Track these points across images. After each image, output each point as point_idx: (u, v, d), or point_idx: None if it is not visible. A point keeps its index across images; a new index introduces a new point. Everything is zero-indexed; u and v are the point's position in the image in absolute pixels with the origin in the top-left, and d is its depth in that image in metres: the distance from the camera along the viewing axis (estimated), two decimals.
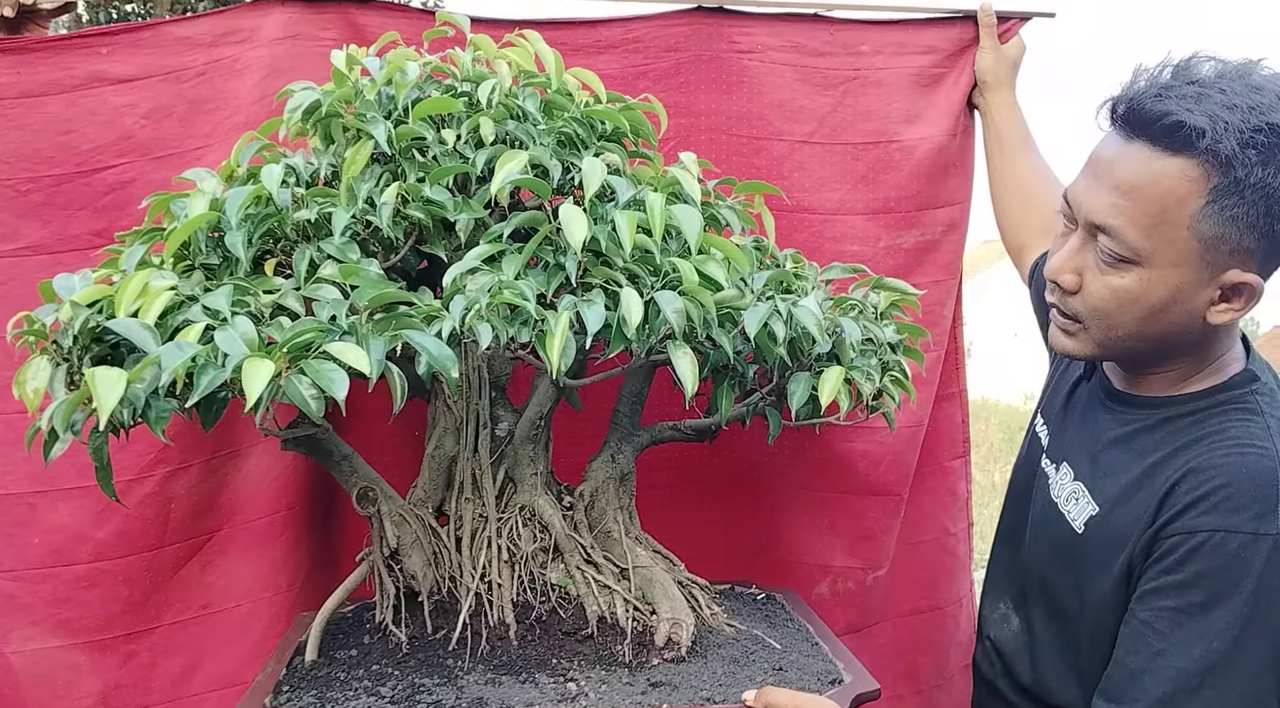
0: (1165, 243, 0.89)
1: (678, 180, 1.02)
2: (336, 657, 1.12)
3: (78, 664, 1.34)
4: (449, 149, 1.00)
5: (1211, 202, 0.86)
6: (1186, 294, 0.91)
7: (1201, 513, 0.89)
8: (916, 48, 1.44)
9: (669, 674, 1.06)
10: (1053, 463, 1.10)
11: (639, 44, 1.39)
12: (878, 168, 1.44)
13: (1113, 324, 0.95)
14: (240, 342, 0.82)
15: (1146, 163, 0.88)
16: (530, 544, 1.14)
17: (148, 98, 1.31)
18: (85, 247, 1.30)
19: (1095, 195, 0.92)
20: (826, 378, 0.96)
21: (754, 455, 1.51)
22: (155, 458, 1.33)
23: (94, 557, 1.32)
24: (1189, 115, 0.85)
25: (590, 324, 0.89)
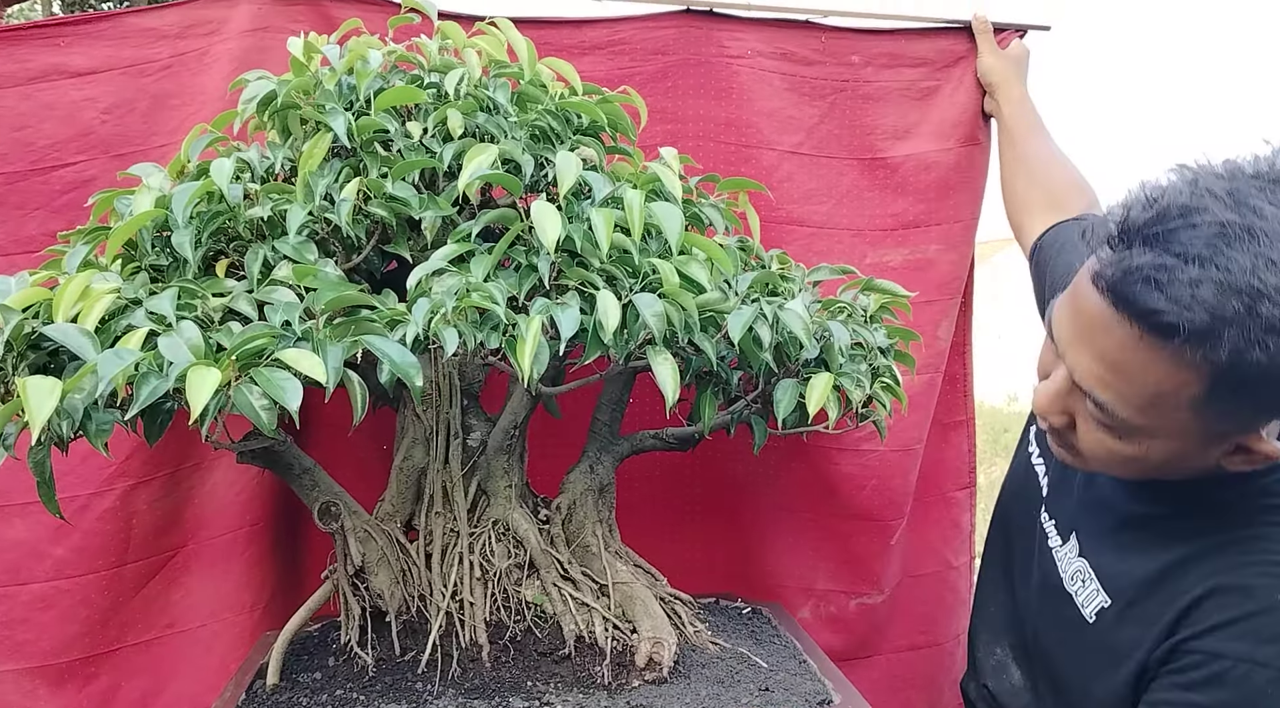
0: (1164, 420, 0.79)
1: (658, 177, 0.96)
2: (299, 680, 1.06)
3: (33, 690, 1.28)
4: (414, 143, 0.94)
5: (1214, 391, 0.74)
6: (1193, 456, 0.82)
7: (1230, 638, 0.81)
8: (909, 60, 1.40)
9: (650, 697, 1.00)
10: (1053, 524, 1.02)
11: (625, 46, 1.34)
12: (864, 183, 1.40)
13: (1115, 470, 0.87)
14: (185, 348, 0.76)
15: (1135, 346, 0.75)
16: (504, 560, 1.08)
17: (109, 92, 1.25)
18: (40, 248, 1.23)
19: (1081, 355, 0.80)
20: (814, 385, 0.91)
21: (735, 472, 1.46)
22: (116, 471, 1.26)
23: (51, 575, 1.26)
24: (1184, 314, 0.71)
25: (564, 329, 0.83)
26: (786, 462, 1.45)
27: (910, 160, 1.40)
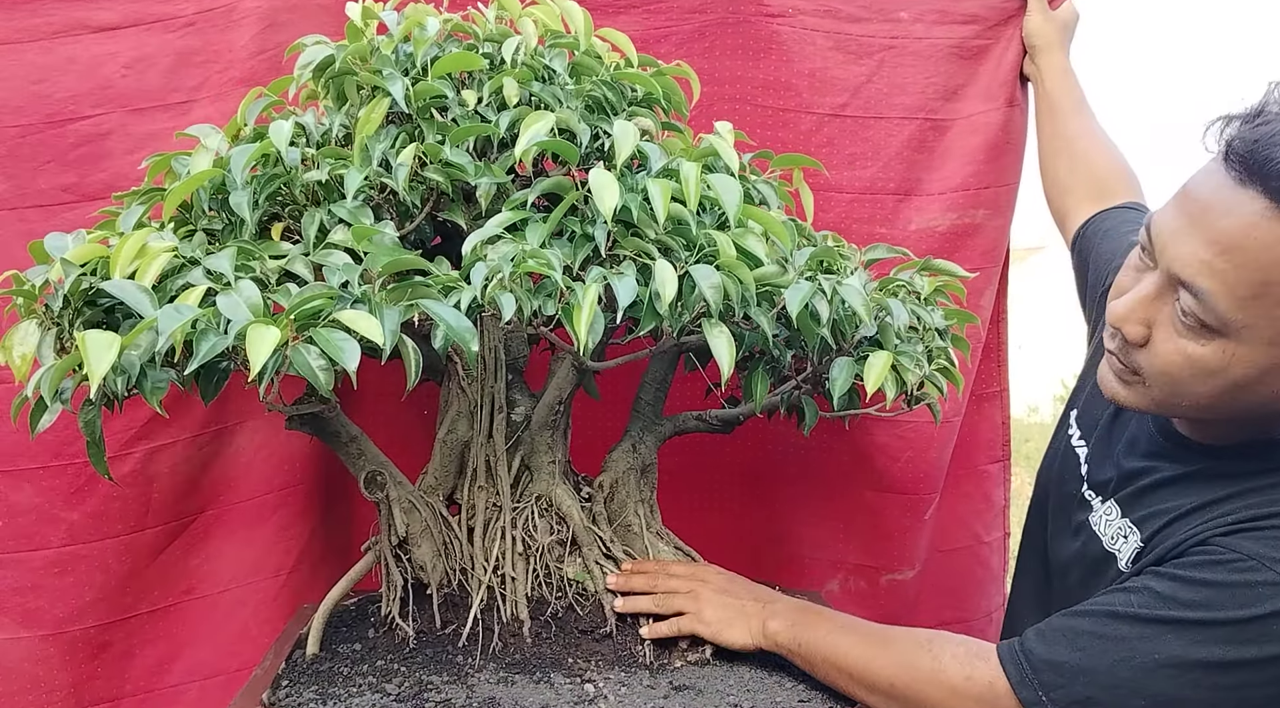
0: (1263, 318, 0.75)
1: (714, 149, 0.95)
2: (339, 651, 1.06)
3: (47, 656, 1.27)
4: (469, 111, 0.94)
5: None
6: (1274, 374, 0.78)
7: (1246, 536, 0.81)
8: (959, 16, 1.34)
9: (693, 678, 0.99)
10: (1098, 496, 1.01)
11: (662, 4, 1.31)
12: (912, 146, 1.35)
13: (1180, 392, 0.83)
14: (244, 307, 0.76)
15: (1259, 221, 0.73)
16: (546, 536, 1.07)
17: (131, 46, 1.23)
18: (52, 202, 1.22)
19: (1186, 244, 0.78)
20: (873, 364, 0.89)
21: (765, 445, 1.44)
22: (137, 433, 1.25)
23: (66, 541, 1.25)
24: None
25: (621, 298, 0.82)
26: (819, 434, 1.41)
27: (960, 122, 1.35)
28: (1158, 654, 0.80)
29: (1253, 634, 0.78)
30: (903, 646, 0.93)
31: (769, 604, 1.03)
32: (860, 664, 0.93)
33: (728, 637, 1.01)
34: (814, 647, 0.96)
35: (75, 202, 1.21)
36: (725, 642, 1.01)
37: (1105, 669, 0.82)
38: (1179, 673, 0.80)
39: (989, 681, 0.87)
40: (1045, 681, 0.84)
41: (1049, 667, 0.84)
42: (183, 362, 0.76)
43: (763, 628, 1.00)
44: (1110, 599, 0.86)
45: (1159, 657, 0.80)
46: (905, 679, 0.90)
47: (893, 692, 0.91)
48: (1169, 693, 0.80)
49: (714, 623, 1.01)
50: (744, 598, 1.04)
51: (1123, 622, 0.83)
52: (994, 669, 0.87)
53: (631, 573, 1.06)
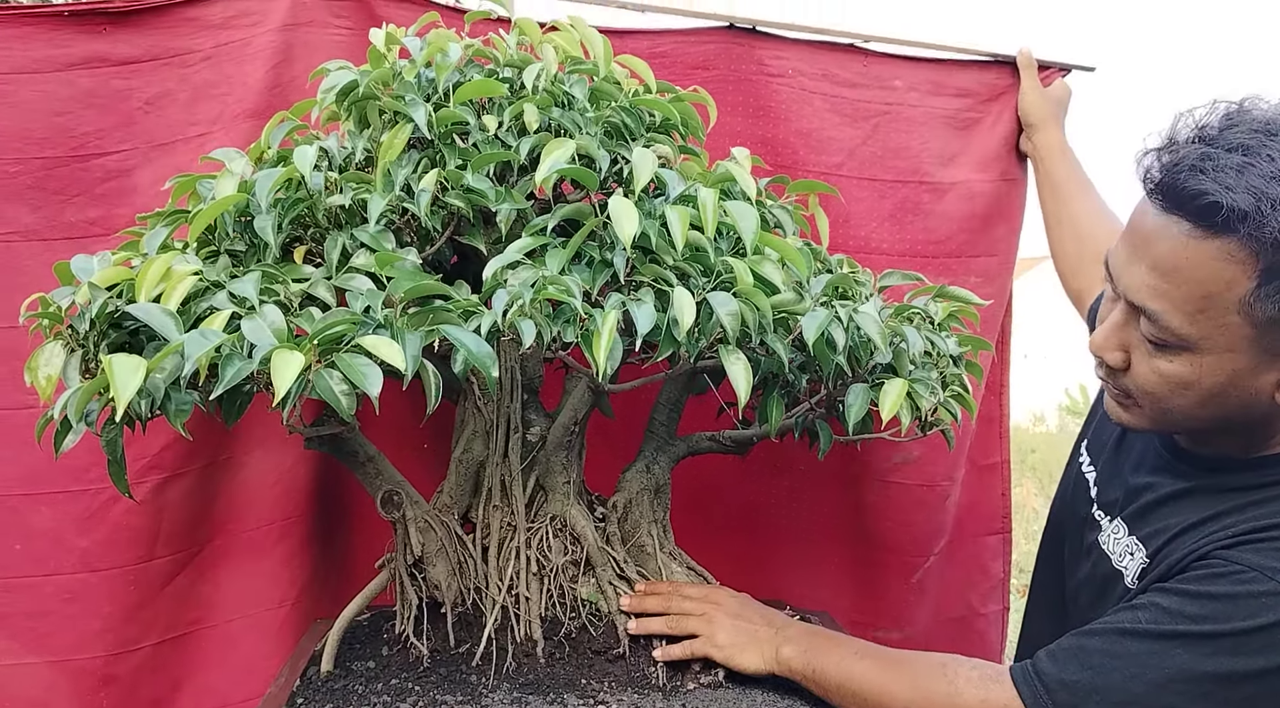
0: (1214, 328, 0.80)
1: (731, 175, 0.96)
2: (354, 668, 1.07)
3: (54, 684, 1.27)
4: (490, 136, 0.95)
5: (1263, 284, 0.77)
6: (1245, 379, 0.82)
7: (1246, 549, 0.83)
8: (951, 89, 1.40)
9: (705, 701, 1.00)
10: (1106, 516, 1.03)
11: (666, 58, 1.34)
12: (906, 208, 1.39)
13: (1167, 407, 0.87)
14: (269, 332, 0.77)
15: (1184, 244, 0.79)
16: (561, 556, 1.08)
17: (152, 82, 1.25)
18: (81, 235, 1.24)
19: (1133, 271, 0.83)
20: (889, 391, 0.90)
21: (758, 493, 1.45)
22: (149, 464, 1.26)
23: (77, 567, 1.26)
24: (1228, 195, 0.75)
25: (640, 325, 0.83)
26: (811, 487, 1.44)
27: (956, 187, 1.39)
28: (1167, 669, 0.82)
29: (1258, 645, 0.80)
30: (918, 670, 0.94)
31: (782, 629, 1.03)
32: (876, 690, 0.93)
33: (740, 661, 1.01)
34: (828, 673, 0.96)
35: (103, 235, 1.22)
36: (738, 666, 1.01)
37: (1118, 687, 0.83)
38: (1189, 687, 0.81)
39: (1004, 703, 0.88)
40: (1059, 700, 0.85)
41: (1062, 687, 0.85)
42: (206, 384, 0.77)
43: (776, 654, 1.00)
44: (1119, 618, 0.87)
45: (1168, 671, 0.82)
46: (921, 705, 0.91)
47: None
48: (1179, 707, 0.81)
49: (727, 647, 1.01)
50: (757, 622, 1.04)
51: (1132, 639, 0.84)
52: (1009, 692, 0.88)
53: (645, 594, 1.07)
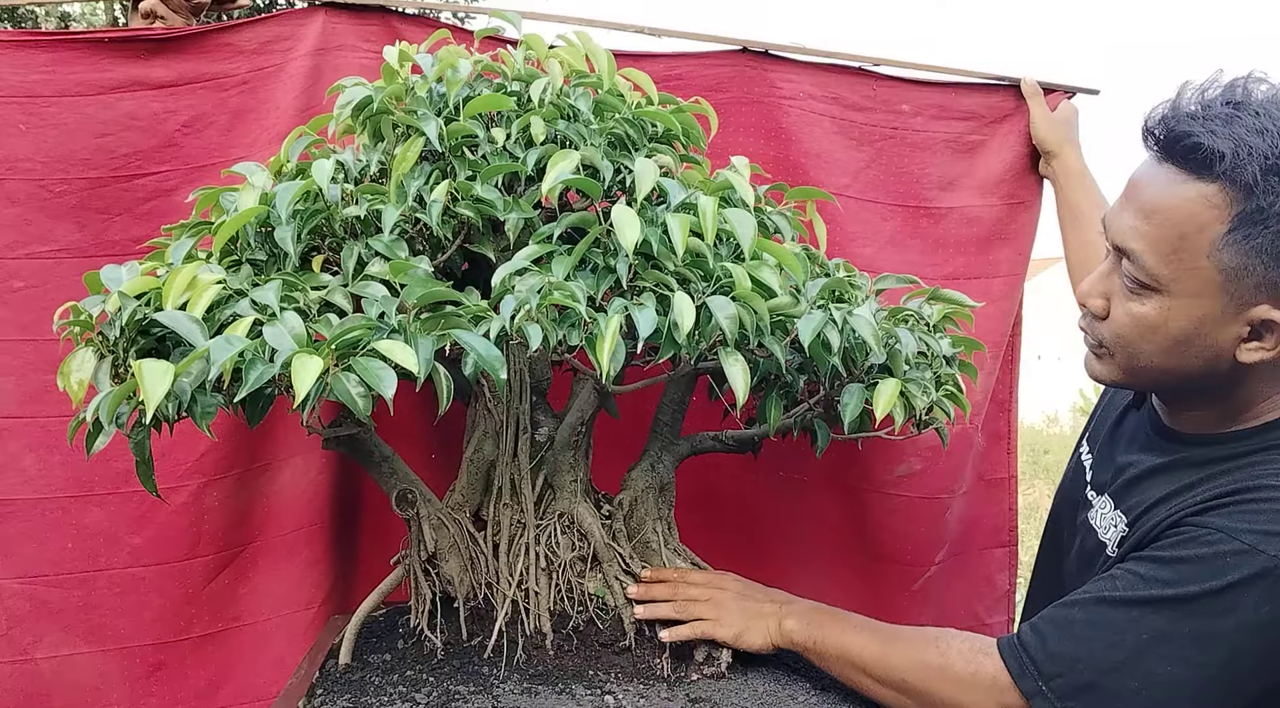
0: (1185, 271, 0.86)
1: (730, 183, 1.00)
2: (370, 661, 1.11)
3: (106, 672, 1.34)
4: (499, 148, 0.99)
5: (1233, 230, 0.83)
6: (1210, 327, 0.87)
7: (1214, 514, 0.88)
8: (956, 112, 1.43)
9: (709, 691, 1.03)
10: (1097, 494, 1.07)
11: (681, 81, 1.38)
12: (905, 231, 1.43)
13: (1135, 353, 0.92)
14: (289, 337, 0.81)
15: (1168, 186, 0.86)
16: (569, 552, 1.12)
17: (190, 105, 1.30)
18: (124, 253, 1.28)
19: (1121, 217, 0.90)
20: (882, 390, 0.93)
21: (761, 502, 1.49)
22: (191, 468, 1.32)
23: (127, 563, 1.32)
24: (1211, 138, 0.82)
25: (642, 328, 0.87)
26: (814, 495, 1.48)
27: (954, 212, 1.43)
28: (1145, 634, 0.85)
29: (1227, 604, 0.83)
30: (912, 643, 0.98)
31: (785, 605, 1.08)
32: (873, 661, 0.98)
33: (747, 639, 1.05)
34: (828, 644, 1.01)
35: (146, 252, 1.28)
36: (745, 645, 1.05)
37: (1099, 654, 0.87)
38: (1168, 650, 0.85)
39: (993, 674, 0.92)
40: (1044, 671, 0.89)
41: (1046, 657, 0.89)
42: (230, 388, 0.81)
43: (779, 627, 1.05)
44: (1097, 586, 0.91)
45: (1146, 636, 0.85)
46: (916, 675, 0.96)
47: (904, 687, 0.96)
48: (1160, 672, 0.85)
49: (733, 626, 1.05)
50: (761, 600, 1.09)
51: (1110, 606, 0.88)
52: (996, 664, 0.92)
53: (652, 582, 1.10)
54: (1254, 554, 0.83)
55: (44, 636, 1.31)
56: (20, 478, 1.28)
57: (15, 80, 1.24)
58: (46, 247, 1.28)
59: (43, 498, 1.29)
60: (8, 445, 1.28)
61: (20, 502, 1.29)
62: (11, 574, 1.29)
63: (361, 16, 1.33)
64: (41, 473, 1.29)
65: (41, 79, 1.25)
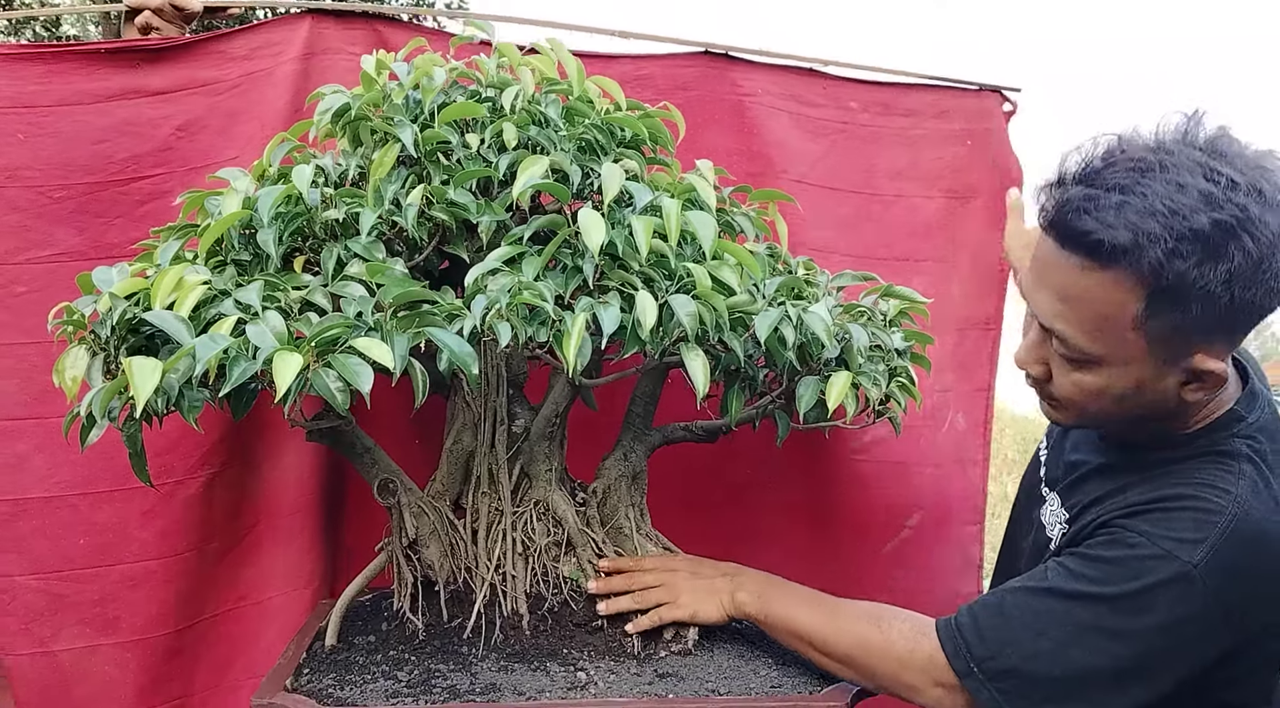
0: (1115, 344, 0.88)
1: (694, 187, 1.04)
2: (355, 642, 1.16)
3: (124, 661, 1.38)
4: (473, 153, 1.03)
5: (1150, 306, 0.85)
6: (1150, 383, 0.91)
7: (1139, 519, 0.93)
8: (900, 110, 1.54)
9: (676, 666, 1.09)
10: (1050, 490, 1.12)
11: (649, 81, 1.46)
12: (859, 216, 1.54)
13: (1085, 410, 0.97)
14: (271, 335, 0.86)
15: (1079, 274, 0.87)
16: (544, 538, 1.17)
17: (184, 110, 1.34)
18: (123, 255, 1.32)
19: (1039, 297, 0.92)
20: (834, 382, 0.98)
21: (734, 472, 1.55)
22: (200, 460, 1.37)
23: (138, 556, 1.37)
24: (1110, 232, 0.83)
25: (606, 326, 0.92)
26: (782, 468, 1.55)
27: (901, 201, 1.54)
28: (1068, 626, 0.91)
29: (1143, 604, 0.89)
30: (856, 620, 1.04)
31: (735, 577, 1.14)
32: (818, 635, 1.04)
33: (703, 615, 1.12)
34: (776, 617, 1.08)
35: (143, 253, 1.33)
36: (702, 620, 1.11)
37: (1027, 641, 0.93)
38: (1089, 641, 0.91)
39: (929, 654, 0.98)
40: (976, 653, 0.95)
41: (979, 640, 0.95)
42: (216, 383, 0.86)
43: (732, 600, 1.12)
44: (1031, 576, 0.97)
45: (1070, 628, 0.91)
46: (858, 651, 1.02)
47: (847, 660, 1.03)
48: (1081, 661, 0.91)
49: (689, 605, 1.12)
50: (712, 576, 1.15)
51: (1040, 596, 0.94)
52: (933, 644, 0.98)
53: (609, 576, 1.16)
54: (1170, 560, 0.88)
55: (61, 629, 1.36)
56: (31, 478, 1.33)
57: (12, 92, 1.28)
58: (47, 251, 1.32)
59: (53, 497, 1.34)
60: (16, 446, 1.33)
61: (32, 501, 1.33)
62: (27, 571, 1.34)
63: (347, 22, 1.38)
64: (51, 472, 1.33)
65: (39, 90, 1.30)
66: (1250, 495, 0.91)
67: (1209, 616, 0.88)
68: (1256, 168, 0.84)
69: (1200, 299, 0.83)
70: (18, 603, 1.34)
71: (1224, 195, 0.82)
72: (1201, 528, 0.89)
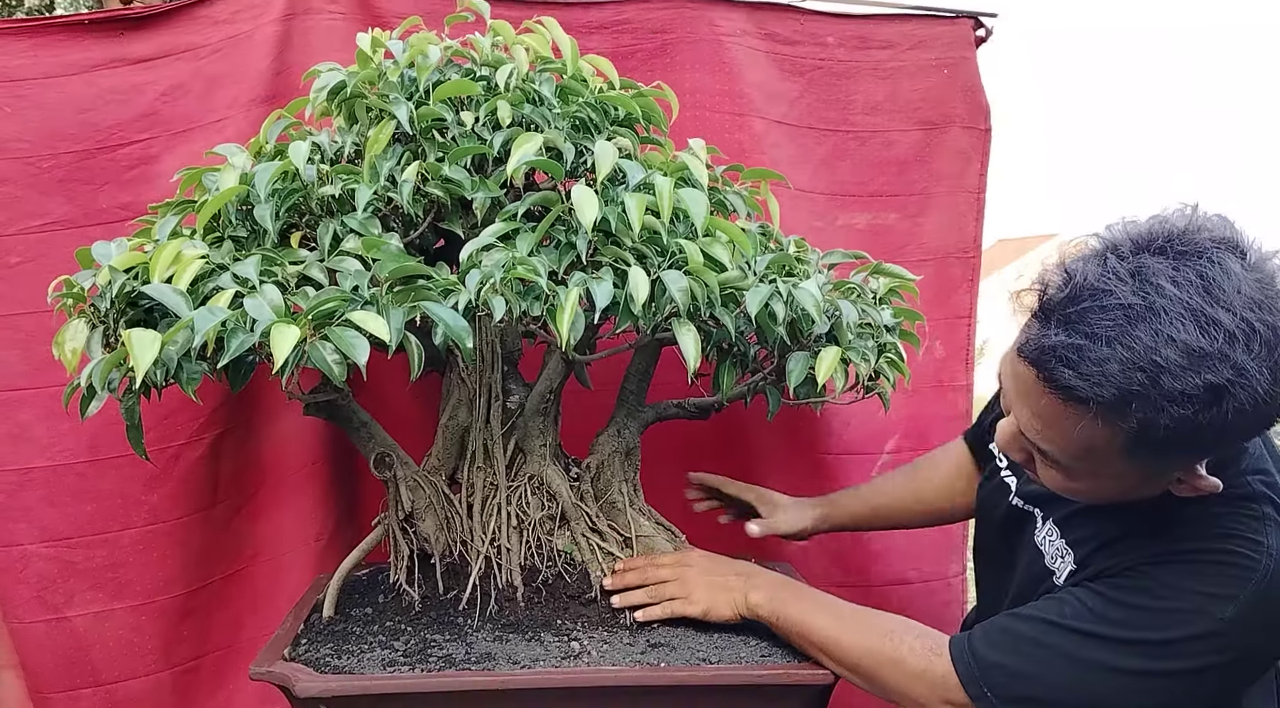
0: (1100, 465, 0.87)
1: (686, 165, 1.06)
2: (352, 614, 1.18)
3: (139, 624, 1.41)
4: (467, 131, 1.04)
5: (1132, 442, 0.82)
6: (1138, 489, 0.90)
7: (1166, 569, 0.91)
8: (876, 43, 1.55)
9: (668, 637, 1.11)
10: (1039, 511, 1.08)
11: (628, 25, 1.48)
12: (836, 153, 1.55)
13: (1073, 497, 0.95)
14: (268, 308, 0.87)
15: (1060, 412, 0.83)
16: (538, 512, 1.19)
17: (167, 75, 1.37)
18: (113, 220, 1.36)
19: (1021, 410, 0.88)
20: (824, 358, 1.00)
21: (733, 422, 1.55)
22: (205, 422, 1.40)
23: (149, 521, 1.39)
24: (1094, 389, 0.79)
25: (599, 300, 0.93)
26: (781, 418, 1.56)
27: (877, 136, 1.55)
28: (1086, 662, 0.91)
29: (1172, 653, 0.89)
30: (869, 632, 1.03)
31: (750, 578, 1.13)
32: (830, 644, 1.03)
33: (716, 613, 1.11)
34: (790, 621, 1.06)
35: (133, 217, 1.34)
36: (714, 618, 1.11)
37: (1043, 674, 0.92)
38: (1108, 678, 0.90)
39: (942, 674, 0.97)
40: (990, 680, 0.94)
41: (994, 668, 0.94)
42: (214, 356, 0.88)
43: (745, 601, 1.10)
44: (1048, 607, 0.96)
45: (1087, 665, 0.91)
46: (869, 662, 1.01)
47: (857, 670, 1.02)
48: (1100, 695, 0.91)
49: (702, 602, 1.11)
50: (726, 574, 1.14)
51: (1057, 631, 0.93)
52: (946, 665, 0.97)
53: (624, 571, 1.16)
54: (1200, 615, 0.87)
55: (74, 595, 1.39)
56: (34, 448, 1.36)
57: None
58: (39, 221, 1.35)
59: (58, 465, 1.36)
60: (19, 416, 1.35)
61: (38, 470, 1.36)
62: (37, 539, 1.37)
63: None
64: (54, 441, 1.36)
65: (26, 63, 1.32)
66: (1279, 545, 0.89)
67: (1236, 664, 0.89)
68: (1254, 302, 0.77)
69: (1185, 440, 0.80)
70: (30, 571, 1.37)
71: (1218, 352, 0.76)
72: (1233, 584, 0.87)
